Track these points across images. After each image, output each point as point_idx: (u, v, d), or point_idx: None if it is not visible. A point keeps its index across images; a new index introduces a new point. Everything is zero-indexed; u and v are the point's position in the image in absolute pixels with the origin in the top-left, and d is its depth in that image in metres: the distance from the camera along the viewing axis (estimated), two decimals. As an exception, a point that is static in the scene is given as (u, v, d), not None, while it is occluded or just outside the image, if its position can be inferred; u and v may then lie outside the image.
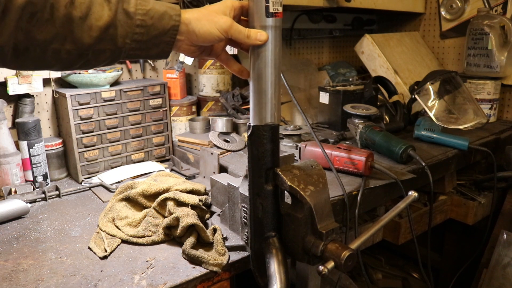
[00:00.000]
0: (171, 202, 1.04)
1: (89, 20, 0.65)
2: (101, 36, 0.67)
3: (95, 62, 0.70)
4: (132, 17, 0.68)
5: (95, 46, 0.67)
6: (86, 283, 0.84)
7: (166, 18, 0.70)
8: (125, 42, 0.68)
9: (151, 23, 0.69)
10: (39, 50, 0.65)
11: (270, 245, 0.82)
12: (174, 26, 0.71)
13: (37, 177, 1.32)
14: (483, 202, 1.73)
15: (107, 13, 0.66)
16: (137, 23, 0.68)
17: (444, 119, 1.73)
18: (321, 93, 1.85)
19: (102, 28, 0.66)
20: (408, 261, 2.20)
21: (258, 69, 0.77)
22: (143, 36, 0.69)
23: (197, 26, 0.72)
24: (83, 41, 0.66)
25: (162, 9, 0.70)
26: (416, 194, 0.92)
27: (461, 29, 2.16)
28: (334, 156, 1.30)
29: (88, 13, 0.65)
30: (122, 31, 0.67)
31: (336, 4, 1.78)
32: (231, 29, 0.73)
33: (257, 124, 0.79)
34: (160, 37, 0.70)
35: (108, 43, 0.68)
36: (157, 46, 0.71)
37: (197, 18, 0.72)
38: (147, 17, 0.69)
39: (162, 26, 0.70)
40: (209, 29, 0.72)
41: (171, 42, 0.72)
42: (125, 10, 0.67)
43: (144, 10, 0.68)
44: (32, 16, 0.62)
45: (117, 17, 0.67)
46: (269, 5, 0.73)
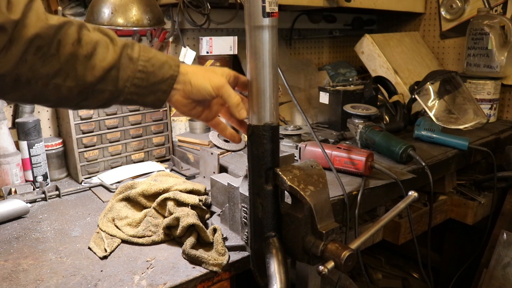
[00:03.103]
0: (171, 202, 1.04)
1: (94, 60, 0.68)
2: (104, 76, 0.69)
3: (93, 102, 0.71)
4: (135, 62, 0.71)
5: (96, 86, 0.69)
6: (86, 283, 0.84)
7: (166, 67, 0.73)
8: (125, 86, 0.71)
9: (152, 70, 0.72)
10: (41, 83, 0.65)
11: (270, 245, 0.82)
12: (172, 75, 0.74)
13: (37, 177, 1.32)
14: (483, 202, 1.72)
15: (112, 55, 0.69)
16: (139, 69, 0.71)
17: (444, 119, 1.73)
18: (321, 93, 1.85)
19: (105, 69, 0.68)
20: (408, 261, 2.20)
21: (256, 69, 0.77)
22: (143, 82, 0.72)
23: (193, 78, 0.76)
24: (86, 79, 0.68)
25: (163, 58, 0.74)
26: (416, 194, 0.92)
27: (461, 29, 2.17)
28: (334, 156, 1.30)
29: (93, 53, 0.67)
30: (124, 74, 0.70)
31: (336, 4, 1.78)
32: (223, 88, 0.77)
33: (256, 124, 0.79)
34: (158, 85, 0.73)
35: (109, 84, 0.70)
36: (154, 94, 0.74)
37: (194, 72, 0.77)
38: (148, 63, 0.72)
39: (161, 74, 0.73)
40: (203, 82, 0.76)
41: (167, 91, 0.75)
42: (129, 55, 0.70)
43: (146, 57, 0.72)
44: (39, 49, 0.63)
45: (121, 60, 0.70)
46: (265, 5, 0.73)
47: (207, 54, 1.72)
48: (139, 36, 1.71)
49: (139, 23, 1.30)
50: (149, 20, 1.32)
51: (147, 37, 1.73)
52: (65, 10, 1.51)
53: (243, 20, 0.77)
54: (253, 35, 0.76)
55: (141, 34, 1.72)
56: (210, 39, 1.70)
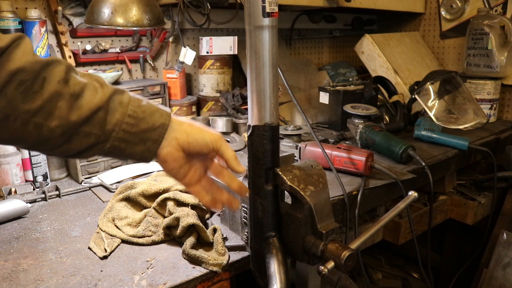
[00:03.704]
0: (171, 202, 1.04)
1: (80, 100, 0.63)
2: (90, 117, 0.64)
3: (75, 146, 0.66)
4: (125, 106, 0.67)
5: (82, 127, 0.64)
6: (86, 283, 0.84)
7: (157, 115, 0.70)
8: (113, 130, 0.66)
9: (142, 116, 0.68)
10: (20, 121, 0.60)
11: (270, 245, 0.82)
12: (163, 124, 0.70)
13: (37, 177, 1.32)
14: (483, 202, 1.72)
15: (100, 97, 0.65)
16: (129, 113, 0.67)
17: (444, 119, 1.73)
18: (321, 93, 1.85)
19: (92, 109, 0.64)
20: (408, 261, 2.20)
21: (257, 69, 0.77)
22: (132, 127, 0.67)
23: (189, 128, 0.73)
24: (70, 119, 0.63)
25: (154, 107, 0.70)
26: (416, 194, 0.92)
27: (461, 29, 2.16)
28: (334, 156, 1.30)
29: (80, 94, 0.63)
30: (113, 118, 0.66)
31: (336, 4, 1.79)
32: (220, 140, 0.74)
33: (256, 124, 0.79)
34: (149, 132, 0.69)
35: (96, 127, 0.65)
36: (144, 143, 0.69)
37: (189, 124, 0.73)
38: (139, 109, 0.68)
39: (152, 121, 0.69)
40: (200, 133, 0.73)
41: (158, 141, 0.70)
42: (119, 99, 0.67)
43: (137, 103, 0.68)
44: (20, 84, 0.59)
45: (110, 103, 0.66)
46: (265, 5, 0.73)
47: (207, 54, 1.72)
48: (139, 36, 1.71)
49: (139, 23, 1.30)
50: (149, 20, 1.32)
51: (147, 37, 1.73)
52: (65, 10, 1.51)
53: (243, 20, 0.77)
54: (253, 35, 0.76)
55: (141, 34, 1.72)
56: (210, 39, 1.70)
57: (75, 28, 1.55)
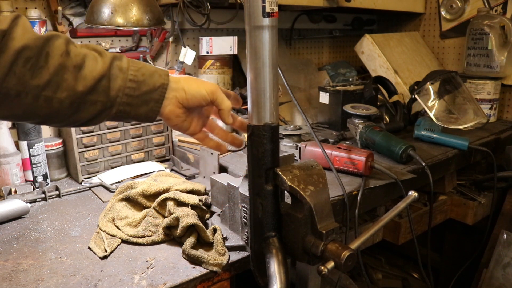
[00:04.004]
0: (171, 202, 1.04)
1: (84, 70, 0.67)
2: (95, 86, 0.68)
3: (84, 115, 0.70)
4: (125, 71, 0.70)
5: (88, 96, 0.68)
6: (86, 283, 0.84)
7: (156, 76, 0.74)
8: (117, 95, 0.70)
9: (142, 79, 0.72)
10: (31, 96, 0.64)
11: (270, 245, 0.82)
12: (163, 84, 0.74)
13: (37, 177, 1.32)
14: (483, 202, 1.73)
15: (101, 66, 0.68)
16: (130, 78, 0.71)
17: (444, 119, 1.73)
18: (321, 93, 1.85)
19: (96, 78, 0.67)
20: (408, 261, 2.20)
21: (256, 69, 0.77)
22: (134, 91, 0.71)
23: (186, 85, 0.77)
24: (77, 89, 0.66)
25: (152, 68, 0.74)
26: (416, 194, 0.92)
27: (461, 29, 2.17)
28: (334, 156, 1.30)
29: (82, 65, 0.67)
30: (115, 84, 0.70)
31: (336, 4, 1.78)
32: (217, 91, 0.79)
33: (256, 124, 0.79)
34: (150, 94, 0.73)
35: (101, 94, 0.69)
36: (147, 104, 0.73)
37: (186, 80, 0.78)
38: (139, 73, 0.72)
39: (152, 83, 0.73)
40: (197, 88, 0.77)
41: (160, 100, 0.74)
42: (119, 65, 0.70)
43: (136, 67, 0.72)
44: (27, 61, 0.62)
45: (111, 70, 0.69)
46: (265, 5, 0.73)
47: (207, 54, 1.72)
48: (139, 36, 1.71)
49: (139, 23, 1.30)
50: (149, 20, 1.32)
51: (147, 37, 1.73)
52: (65, 10, 1.51)
53: (243, 20, 0.77)
54: (253, 35, 0.76)
55: (141, 34, 1.72)
56: (210, 39, 1.70)
57: (75, 28, 1.55)
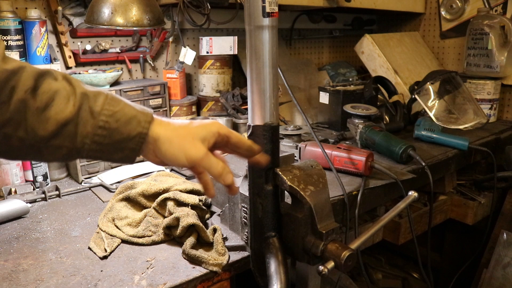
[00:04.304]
0: (171, 202, 1.04)
1: (48, 112, 0.59)
2: (58, 131, 0.60)
3: (50, 157, 0.64)
4: (95, 117, 0.62)
5: (51, 141, 0.61)
6: (86, 283, 0.84)
7: (133, 123, 0.64)
8: (85, 142, 0.62)
9: (115, 127, 0.63)
10: None
11: (270, 245, 0.82)
12: (141, 133, 0.64)
13: (37, 177, 1.32)
14: (483, 202, 1.72)
15: (70, 109, 0.60)
16: (100, 124, 0.62)
17: (444, 119, 1.73)
18: (321, 93, 1.85)
19: (60, 123, 0.60)
20: (408, 261, 2.20)
21: (257, 69, 0.77)
22: (104, 139, 0.63)
23: (164, 146, 0.65)
24: (37, 132, 0.59)
25: (131, 113, 0.64)
26: (416, 194, 0.92)
27: (461, 29, 2.16)
28: (334, 156, 1.30)
29: (49, 104, 0.59)
30: (83, 130, 0.61)
31: (336, 4, 1.78)
32: (202, 162, 0.67)
33: (257, 124, 0.79)
34: (124, 143, 0.64)
35: (66, 140, 0.61)
36: (121, 151, 0.65)
37: (168, 138, 0.66)
38: (112, 119, 0.62)
39: (127, 132, 0.63)
40: (176, 154, 0.66)
41: (136, 149, 0.65)
42: (90, 108, 0.62)
43: (111, 111, 0.63)
44: None
45: (80, 114, 0.61)
46: (265, 5, 0.73)
47: (207, 54, 1.72)
48: (139, 36, 1.71)
49: (139, 23, 1.30)
50: (149, 20, 1.32)
51: (147, 37, 1.73)
52: (65, 10, 1.51)
53: (243, 20, 0.77)
54: (253, 35, 0.76)
55: (141, 34, 1.72)
56: (210, 39, 1.70)
57: (75, 28, 1.55)
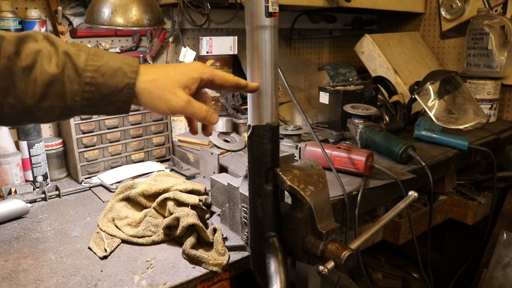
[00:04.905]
0: (171, 202, 1.04)
1: (34, 73, 0.59)
2: (46, 91, 0.60)
3: (45, 119, 0.64)
4: (80, 74, 0.61)
5: (41, 103, 0.61)
6: (86, 283, 0.84)
7: (119, 75, 0.63)
8: (75, 100, 0.62)
9: (102, 81, 0.62)
10: None
11: (270, 245, 0.82)
12: (128, 84, 0.64)
13: (37, 177, 1.32)
14: (483, 202, 1.72)
15: (53, 68, 0.60)
16: (86, 81, 0.62)
17: (444, 119, 1.73)
18: (321, 93, 1.85)
19: (45, 83, 0.60)
20: (408, 261, 2.20)
21: (258, 69, 0.77)
22: (94, 95, 0.63)
23: (144, 98, 0.66)
24: (27, 96, 0.60)
25: (116, 65, 0.63)
26: (416, 194, 0.92)
27: (461, 29, 2.16)
28: (334, 156, 1.30)
29: (33, 66, 0.59)
30: (71, 88, 0.61)
31: (336, 4, 1.78)
32: (184, 110, 0.68)
33: (257, 124, 0.79)
34: (114, 96, 0.64)
35: (56, 100, 0.61)
36: (113, 104, 0.65)
37: (147, 90, 0.65)
38: (97, 74, 0.62)
39: (114, 84, 0.63)
40: (157, 105, 0.66)
41: (128, 101, 0.65)
42: (74, 65, 0.61)
43: (95, 66, 0.62)
44: None
45: (65, 72, 0.61)
46: (268, 5, 0.74)
47: (207, 54, 1.72)
48: (139, 36, 1.71)
49: (139, 23, 1.30)
50: (149, 20, 1.32)
51: (147, 37, 1.73)
52: (65, 10, 1.51)
53: (243, 20, 0.77)
54: (254, 35, 0.76)
55: (141, 34, 1.72)
56: (210, 39, 1.70)
57: (75, 28, 1.55)
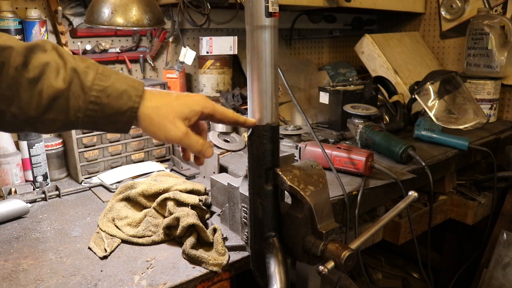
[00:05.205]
0: (171, 202, 1.04)
1: (40, 85, 0.60)
2: (50, 104, 0.61)
3: (45, 131, 0.66)
4: (86, 92, 0.62)
5: (44, 116, 0.62)
6: (86, 283, 0.84)
7: (124, 98, 0.65)
8: (77, 116, 0.63)
9: (106, 102, 0.64)
10: None
11: (270, 245, 0.82)
12: (132, 108, 0.65)
13: (37, 177, 1.32)
14: (483, 202, 1.72)
15: (60, 83, 0.61)
16: (91, 100, 0.63)
17: (444, 119, 1.73)
18: (321, 93, 1.85)
19: (51, 97, 0.61)
20: (408, 261, 2.20)
21: (258, 69, 0.77)
22: (96, 113, 0.64)
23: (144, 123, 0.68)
24: (30, 108, 0.61)
25: (122, 87, 0.65)
26: (416, 194, 0.92)
27: (461, 29, 2.16)
28: (334, 156, 1.30)
29: (40, 78, 0.60)
30: (75, 104, 0.62)
31: (336, 4, 1.78)
32: (181, 141, 0.70)
33: (257, 124, 0.79)
34: (116, 117, 0.65)
35: (59, 114, 0.63)
36: (114, 124, 0.67)
37: (148, 116, 0.67)
38: (103, 94, 0.63)
39: (118, 106, 0.64)
40: (155, 132, 0.68)
41: (129, 123, 0.67)
42: (81, 83, 0.62)
43: (101, 86, 0.64)
44: None
45: (71, 88, 0.62)
46: (268, 5, 0.74)
47: (207, 54, 1.72)
48: (139, 36, 1.71)
49: (139, 23, 1.30)
50: (149, 20, 1.32)
51: (147, 37, 1.73)
52: (65, 10, 1.51)
53: (243, 20, 0.77)
54: (255, 35, 0.76)
55: (141, 34, 1.72)
56: (210, 39, 1.70)
57: (75, 28, 1.55)
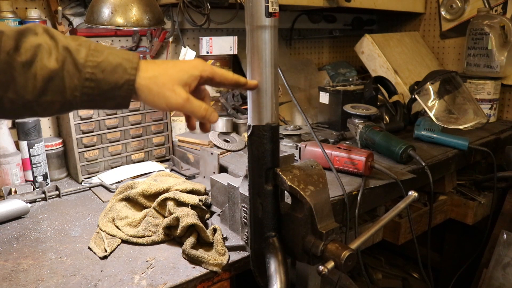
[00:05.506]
0: (171, 202, 1.04)
1: (34, 67, 0.60)
2: (45, 86, 0.61)
3: (45, 114, 0.65)
4: (80, 69, 0.62)
5: (41, 98, 0.61)
6: (86, 283, 0.84)
7: (119, 71, 0.63)
8: (75, 95, 0.62)
9: (102, 77, 0.63)
10: None
11: (270, 245, 0.82)
12: (128, 80, 0.64)
13: (37, 177, 1.32)
14: (483, 202, 1.73)
15: (53, 63, 0.60)
16: (86, 77, 0.62)
17: (444, 119, 1.73)
18: (321, 93, 1.85)
19: (46, 78, 0.60)
20: (408, 261, 2.20)
21: (258, 69, 0.77)
22: (93, 90, 0.63)
23: (144, 94, 0.66)
24: (27, 91, 0.60)
25: (116, 61, 0.64)
26: (416, 194, 0.92)
27: (461, 29, 2.16)
28: (334, 156, 1.30)
29: (33, 60, 0.60)
30: (70, 83, 0.62)
31: (336, 4, 1.78)
32: (183, 108, 0.68)
33: (257, 124, 0.79)
34: (114, 92, 0.64)
35: (56, 95, 0.62)
36: (112, 100, 0.65)
37: (148, 87, 0.66)
38: (97, 70, 0.62)
39: (114, 81, 0.63)
40: (156, 101, 0.67)
41: (127, 97, 0.65)
42: (74, 60, 0.62)
43: (95, 62, 0.62)
44: None
45: (65, 67, 0.61)
46: (268, 5, 0.74)
47: (207, 54, 1.72)
48: (139, 36, 1.71)
49: (139, 23, 1.30)
50: (149, 20, 1.32)
51: (147, 37, 1.73)
52: (65, 10, 1.51)
53: (243, 20, 0.77)
54: (255, 35, 0.76)
55: (141, 34, 1.72)
56: (210, 39, 1.70)
57: (75, 28, 1.55)
